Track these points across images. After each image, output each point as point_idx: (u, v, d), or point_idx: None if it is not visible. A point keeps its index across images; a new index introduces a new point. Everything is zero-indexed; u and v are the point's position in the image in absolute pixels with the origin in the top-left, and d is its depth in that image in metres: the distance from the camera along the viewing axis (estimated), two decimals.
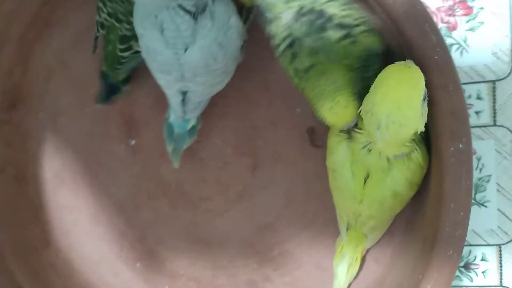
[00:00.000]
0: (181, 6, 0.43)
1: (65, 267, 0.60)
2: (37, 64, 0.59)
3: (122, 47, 0.52)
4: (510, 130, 0.54)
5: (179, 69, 0.47)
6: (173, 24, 0.44)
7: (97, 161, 0.60)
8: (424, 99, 0.41)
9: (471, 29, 0.54)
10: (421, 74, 0.41)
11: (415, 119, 0.41)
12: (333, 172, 0.47)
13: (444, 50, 0.39)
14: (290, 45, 0.46)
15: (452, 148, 0.39)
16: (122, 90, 0.57)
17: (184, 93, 0.50)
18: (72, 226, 0.61)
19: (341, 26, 0.45)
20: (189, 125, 0.55)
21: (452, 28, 0.54)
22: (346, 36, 0.45)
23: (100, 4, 0.51)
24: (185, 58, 0.46)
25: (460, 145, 0.39)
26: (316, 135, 0.57)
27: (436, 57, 0.39)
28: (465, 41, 0.54)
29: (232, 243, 0.59)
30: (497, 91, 0.54)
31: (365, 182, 0.45)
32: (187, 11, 0.44)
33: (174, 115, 0.54)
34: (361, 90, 0.45)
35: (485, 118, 0.54)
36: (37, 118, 0.60)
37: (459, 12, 0.54)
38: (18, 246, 0.59)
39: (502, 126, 0.54)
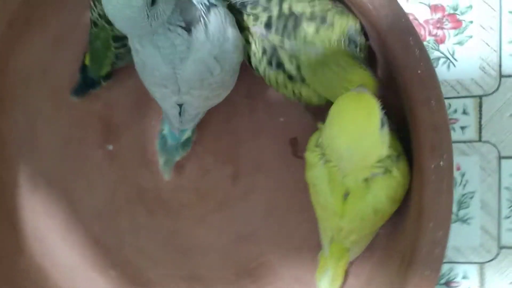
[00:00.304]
0: (171, 23, 0.42)
1: (38, 274, 0.59)
2: (16, 66, 0.58)
3: (116, 45, 0.51)
4: (495, 147, 0.53)
5: (175, 82, 0.46)
6: (167, 40, 0.43)
7: (74, 167, 0.59)
8: (382, 126, 0.40)
9: (459, 43, 0.53)
10: (374, 100, 0.40)
11: (375, 147, 0.40)
12: (313, 187, 0.46)
13: (427, 64, 0.38)
14: (272, 55, 0.47)
15: (432, 165, 0.38)
16: (102, 85, 0.56)
17: (180, 105, 0.49)
18: (47, 233, 0.59)
19: (313, 18, 0.45)
20: (184, 137, 0.54)
21: (440, 41, 0.53)
22: (321, 24, 0.45)
23: (91, 3, 0.50)
24: (180, 72, 0.45)
25: (441, 163, 0.38)
26: (299, 146, 0.56)
27: (419, 71, 0.38)
28: (452, 55, 0.53)
29: (210, 253, 0.58)
30: (483, 106, 0.53)
31: (345, 198, 0.44)
32: (179, 26, 0.42)
33: (170, 127, 0.53)
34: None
35: (471, 134, 0.53)
36: (15, 122, 0.59)
37: (448, 25, 0.53)
38: None
39: (488, 142, 0.53)
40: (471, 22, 0.53)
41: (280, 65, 0.47)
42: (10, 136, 0.59)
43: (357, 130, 0.40)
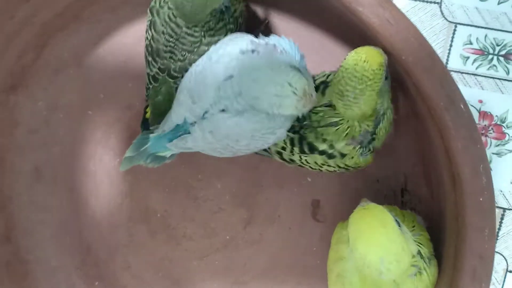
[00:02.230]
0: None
1: (19, 268, 0.57)
2: (52, 54, 0.55)
3: None
4: (505, 258, 0.55)
5: (202, 107, 0.44)
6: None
7: (85, 167, 0.57)
8: (399, 225, 0.42)
9: (498, 154, 0.54)
10: (381, 207, 0.42)
11: (405, 246, 0.41)
12: (339, 277, 0.45)
13: (491, 194, 0.39)
14: (301, 141, 0.46)
15: None
16: None
17: (185, 124, 0.46)
18: (38, 227, 0.57)
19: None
20: (162, 153, 0.50)
21: None
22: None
23: (149, 58, 0.48)
24: (217, 118, 0.44)
25: None
26: (320, 209, 0.55)
27: (481, 199, 0.38)
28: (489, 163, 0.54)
29: None
30: (504, 219, 0.54)
31: None
32: None
33: (157, 131, 0.49)
34: None
35: None
36: (34, 106, 0.56)
37: (492, 134, 0.54)
38: None
39: (498, 253, 0.55)
40: None
41: (313, 149, 0.46)
42: (25, 119, 0.56)
43: (381, 240, 0.41)
